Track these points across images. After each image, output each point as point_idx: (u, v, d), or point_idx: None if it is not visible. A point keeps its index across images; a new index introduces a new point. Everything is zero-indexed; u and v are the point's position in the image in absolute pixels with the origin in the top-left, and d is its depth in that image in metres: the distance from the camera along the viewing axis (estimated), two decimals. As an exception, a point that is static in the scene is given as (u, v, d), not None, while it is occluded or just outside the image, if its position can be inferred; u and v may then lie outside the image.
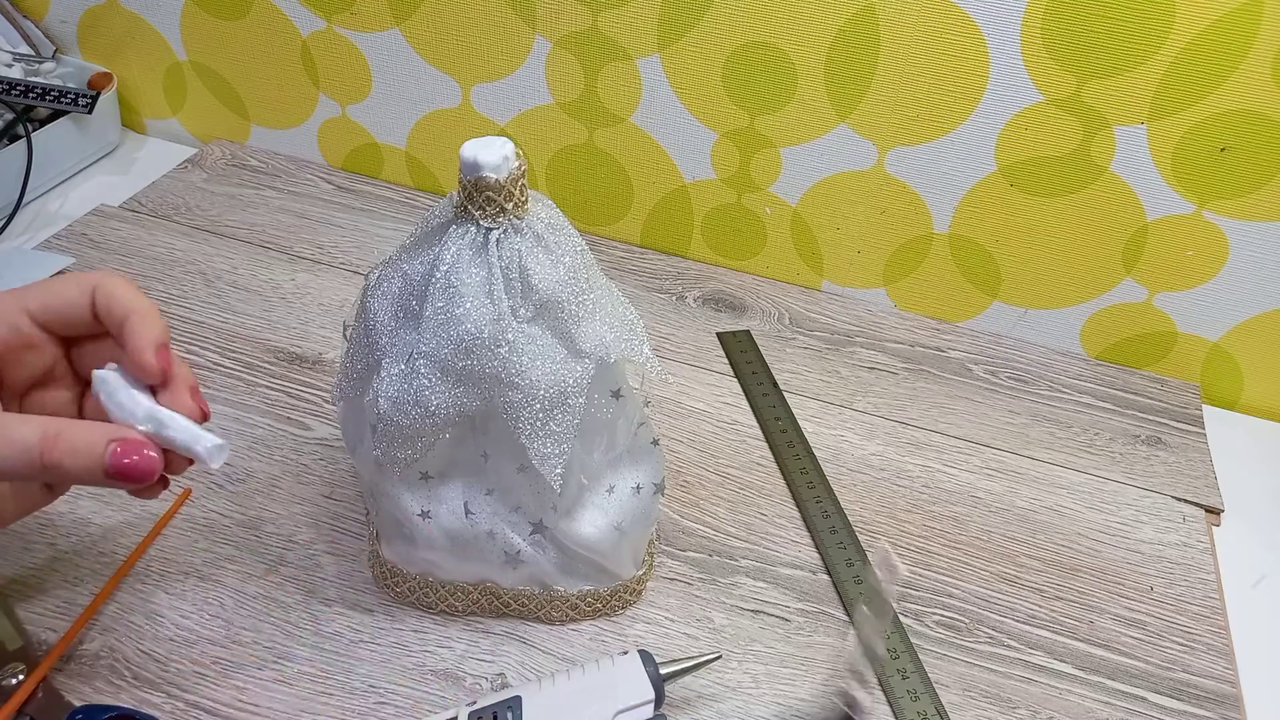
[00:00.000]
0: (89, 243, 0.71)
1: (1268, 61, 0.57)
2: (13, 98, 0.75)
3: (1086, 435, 0.65)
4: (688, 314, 0.72)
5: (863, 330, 0.72)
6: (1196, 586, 0.56)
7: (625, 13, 0.66)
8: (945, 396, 0.67)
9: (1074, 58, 0.60)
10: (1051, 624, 0.53)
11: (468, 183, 0.39)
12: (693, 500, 0.57)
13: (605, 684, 0.43)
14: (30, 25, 0.81)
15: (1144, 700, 0.50)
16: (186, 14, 0.78)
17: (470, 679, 0.47)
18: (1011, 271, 0.70)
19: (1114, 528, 0.59)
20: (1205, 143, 0.61)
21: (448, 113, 0.76)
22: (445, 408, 0.41)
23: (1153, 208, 0.64)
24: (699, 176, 0.73)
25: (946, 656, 0.51)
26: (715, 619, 0.51)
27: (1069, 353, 0.72)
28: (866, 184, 0.69)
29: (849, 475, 0.60)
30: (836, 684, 0.47)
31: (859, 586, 0.53)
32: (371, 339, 0.42)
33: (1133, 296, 0.68)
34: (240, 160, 0.82)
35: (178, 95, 0.83)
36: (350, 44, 0.75)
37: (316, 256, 0.73)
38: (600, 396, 0.43)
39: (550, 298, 0.40)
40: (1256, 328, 0.67)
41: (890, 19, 0.62)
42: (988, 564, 0.56)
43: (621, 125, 0.72)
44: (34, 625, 0.47)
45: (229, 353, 0.63)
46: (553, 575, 0.48)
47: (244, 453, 0.57)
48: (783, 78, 0.66)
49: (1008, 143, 0.64)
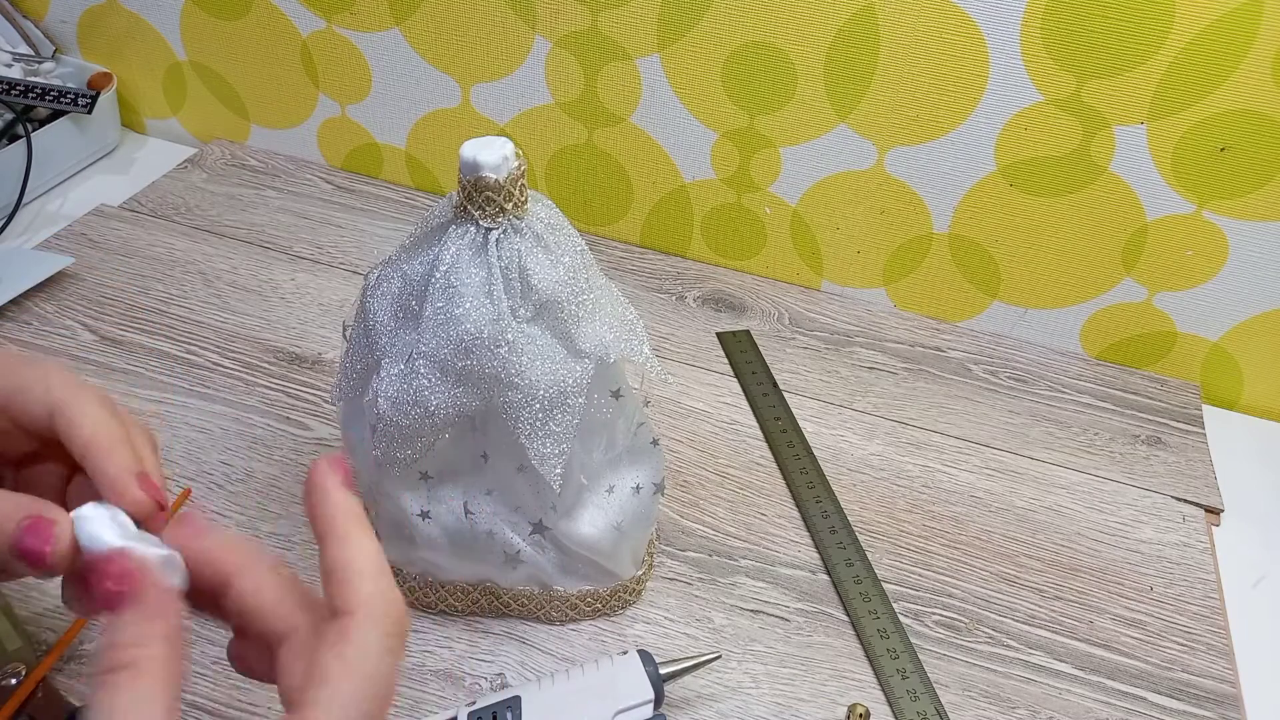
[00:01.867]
0: (89, 243, 0.71)
1: (1268, 61, 0.57)
2: (12, 98, 0.75)
3: (1086, 435, 0.65)
4: (688, 314, 0.72)
5: (862, 330, 0.72)
6: (1196, 586, 0.56)
7: (625, 13, 0.66)
8: (945, 396, 0.67)
9: (1074, 58, 0.60)
10: (1051, 624, 0.53)
11: (467, 183, 0.39)
12: (692, 500, 0.57)
13: (605, 684, 0.43)
14: (30, 25, 0.81)
15: (1144, 700, 0.50)
16: (186, 14, 0.78)
17: (470, 679, 0.47)
18: (1011, 271, 0.70)
19: (1114, 528, 0.59)
20: (1205, 143, 0.61)
21: (447, 113, 0.76)
22: (445, 408, 0.41)
23: (1152, 208, 0.64)
24: (699, 176, 0.73)
25: (946, 656, 0.51)
26: (715, 619, 0.51)
27: (1069, 353, 0.72)
28: (866, 184, 0.69)
29: (849, 475, 0.60)
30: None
31: (859, 586, 0.53)
32: (371, 339, 0.42)
33: (1133, 296, 0.68)
34: (240, 160, 0.82)
35: (177, 95, 0.83)
36: (350, 44, 0.75)
37: (316, 256, 0.73)
38: (600, 396, 0.43)
39: (550, 298, 0.40)
40: (1256, 328, 0.67)
41: (890, 19, 0.62)
42: (988, 564, 0.56)
43: (621, 125, 0.72)
44: (34, 625, 0.47)
45: (229, 353, 0.63)
46: (552, 575, 0.48)
47: (244, 453, 0.57)
48: (782, 78, 0.66)
49: (1007, 143, 0.64)
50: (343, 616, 0.26)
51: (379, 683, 0.26)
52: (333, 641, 0.26)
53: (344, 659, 0.26)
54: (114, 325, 0.64)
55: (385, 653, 0.26)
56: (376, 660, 0.26)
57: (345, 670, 0.25)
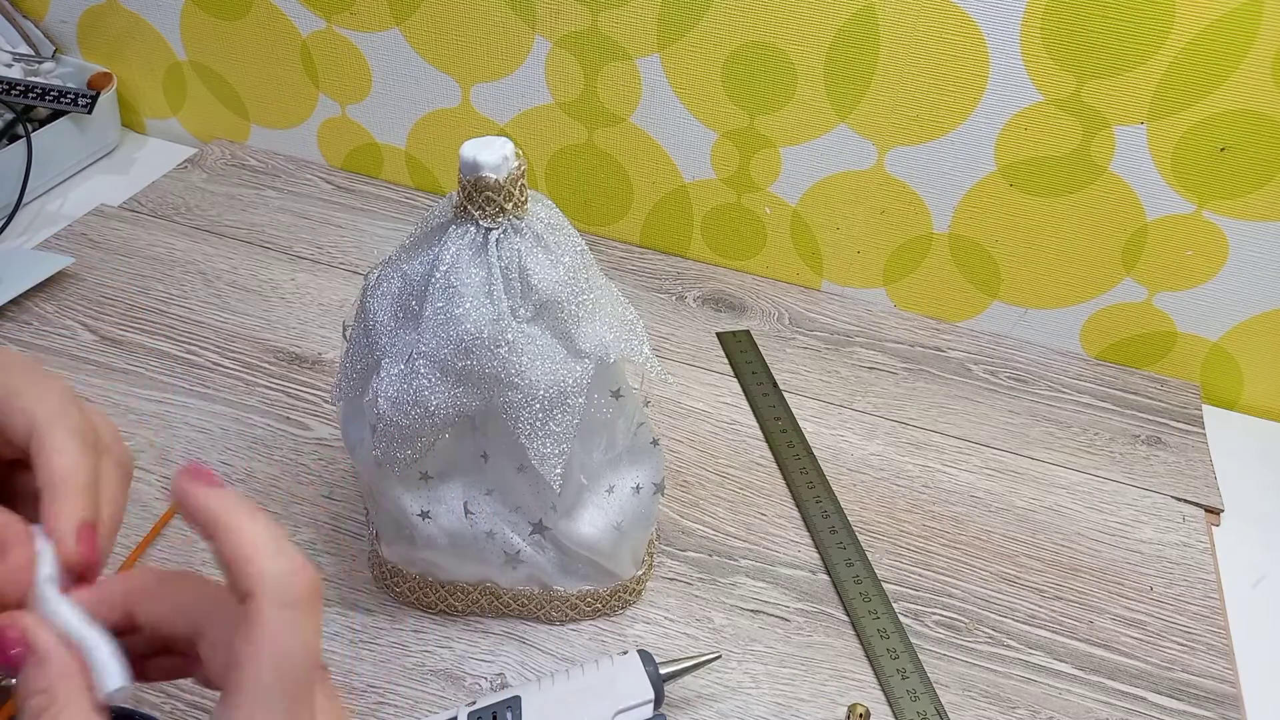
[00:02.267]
0: (89, 243, 0.71)
1: (1268, 61, 0.57)
2: (12, 98, 0.75)
3: (1086, 435, 0.65)
4: (687, 314, 0.72)
5: (862, 330, 0.72)
6: (1196, 586, 0.56)
7: (625, 13, 0.66)
8: (945, 396, 0.67)
9: (1074, 58, 0.60)
10: (1051, 624, 0.53)
11: (467, 183, 0.39)
12: (692, 500, 0.57)
13: (605, 684, 0.43)
14: (30, 25, 0.81)
15: (1144, 700, 0.50)
16: (186, 14, 0.78)
17: (470, 679, 0.47)
18: (1011, 271, 0.70)
19: (1114, 528, 0.59)
20: (1205, 143, 0.61)
21: (447, 113, 0.76)
22: (445, 408, 0.41)
23: (1152, 207, 0.64)
24: (699, 176, 0.73)
25: (946, 656, 0.51)
26: (715, 619, 0.51)
27: (1069, 353, 0.72)
28: (866, 184, 0.69)
29: (849, 475, 0.60)
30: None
31: (859, 586, 0.53)
32: (371, 339, 0.42)
33: (1133, 296, 0.68)
34: (240, 160, 0.82)
35: (177, 95, 0.83)
36: (350, 44, 0.75)
37: (316, 256, 0.73)
38: (600, 396, 0.43)
39: (550, 298, 0.40)
40: (1256, 328, 0.67)
41: (890, 19, 0.62)
42: (987, 564, 0.56)
43: (621, 125, 0.72)
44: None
45: (228, 353, 0.63)
46: (552, 575, 0.48)
47: (243, 453, 0.57)
48: (782, 78, 0.66)
49: (1007, 143, 0.64)
50: (246, 601, 0.27)
51: (294, 655, 0.26)
52: (241, 627, 0.26)
53: (251, 640, 0.26)
54: (114, 325, 0.64)
55: (290, 625, 0.26)
56: (286, 635, 0.26)
57: (253, 651, 0.26)
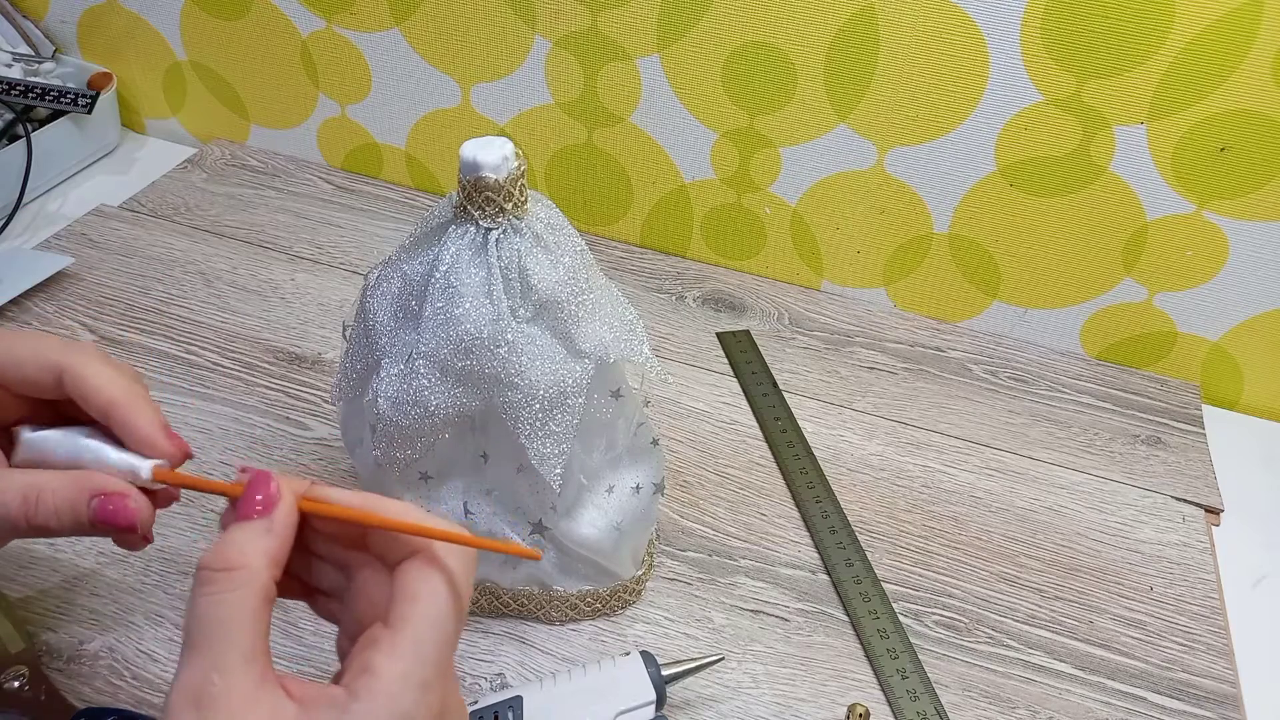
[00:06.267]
0: (89, 243, 0.71)
1: (1268, 61, 0.57)
2: (12, 98, 0.75)
3: (1086, 435, 0.65)
4: (687, 314, 0.72)
5: (862, 330, 0.72)
6: (1196, 586, 0.56)
7: (625, 13, 0.66)
8: (945, 396, 0.67)
9: (1074, 58, 0.60)
10: (1051, 624, 0.53)
11: (467, 183, 0.39)
12: (692, 500, 0.57)
13: (607, 684, 0.43)
14: (30, 25, 0.81)
15: (1144, 700, 0.50)
16: (186, 14, 0.78)
17: (470, 679, 0.47)
18: (1011, 271, 0.70)
19: (1114, 528, 0.59)
20: (1205, 143, 0.61)
21: (447, 113, 0.76)
22: (445, 408, 0.41)
23: (1152, 207, 0.64)
24: (699, 176, 0.73)
25: (946, 656, 0.51)
26: (715, 619, 0.51)
27: (1069, 353, 0.72)
28: (866, 184, 0.69)
29: (849, 475, 0.60)
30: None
31: (859, 586, 0.53)
32: (371, 339, 0.42)
33: (1133, 296, 0.68)
34: (240, 160, 0.82)
35: (177, 95, 0.83)
36: (350, 44, 0.75)
37: (316, 256, 0.73)
38: (600, 397, 0.43)
39: (550, 298, 0.40)
40: (1256, 328, 0.67)
41: (890, 19, 0.62)
42: (987, 564, 0.56)
43: (621, 125, 0.72)
44: (34, 625, 0.47)
45: (228, 353, 0.63)
46: (552, 575, 0.48)
47: (243, 453, 0.57)
48: (782, 78, 0.66)
49: (1007, 143, 0.64)
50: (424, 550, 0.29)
51: (450, 625, 0.28)
52: (419, 567, 0.29)
53: (431, 581, 0.28)
54: (114, 325, 0.64)
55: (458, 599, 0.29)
56: (452, 604, 0.28)
57: (433, 590, 0.28)
